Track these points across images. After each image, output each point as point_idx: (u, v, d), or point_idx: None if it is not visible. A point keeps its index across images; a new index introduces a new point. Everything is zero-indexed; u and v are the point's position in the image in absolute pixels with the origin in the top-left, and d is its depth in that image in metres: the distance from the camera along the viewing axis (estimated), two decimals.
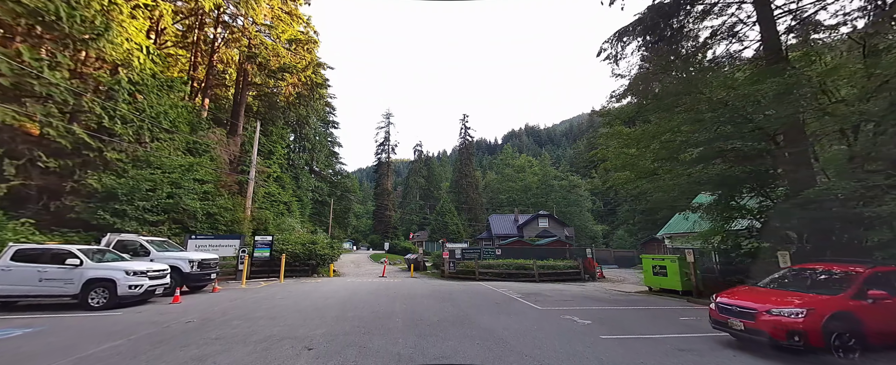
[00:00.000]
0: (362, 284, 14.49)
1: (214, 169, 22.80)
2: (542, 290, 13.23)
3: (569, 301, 10.48)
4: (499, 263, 17.75)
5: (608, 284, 16.44)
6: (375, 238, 67.24)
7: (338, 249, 20.39)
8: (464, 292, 12.03)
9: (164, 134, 18.61)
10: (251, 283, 15.08)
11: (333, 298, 10.41)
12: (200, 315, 7.72)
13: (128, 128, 16.40)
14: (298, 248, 18.40)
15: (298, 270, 18.17)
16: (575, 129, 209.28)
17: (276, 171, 34.13)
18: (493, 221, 43.83)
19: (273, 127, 36.39)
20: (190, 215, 19.16)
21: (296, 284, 14.70)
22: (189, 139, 21.15)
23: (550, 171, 63.15)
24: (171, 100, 19.61)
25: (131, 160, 16.53)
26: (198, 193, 18.99)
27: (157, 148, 18.02)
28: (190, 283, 11.61)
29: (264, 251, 16.74)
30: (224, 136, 26.61)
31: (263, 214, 26.38)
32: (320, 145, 55.41)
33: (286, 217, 32.51)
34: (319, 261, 18.81)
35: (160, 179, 16.73)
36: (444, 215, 52.96)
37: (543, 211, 41.87)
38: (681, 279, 12.28)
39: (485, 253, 19.32)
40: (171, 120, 19.04)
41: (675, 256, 12.74)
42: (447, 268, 17.95)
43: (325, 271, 19.16)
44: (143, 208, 15.62)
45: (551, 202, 58.26)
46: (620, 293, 13.04)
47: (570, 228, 42.01)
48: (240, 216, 22.82)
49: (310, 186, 52.51)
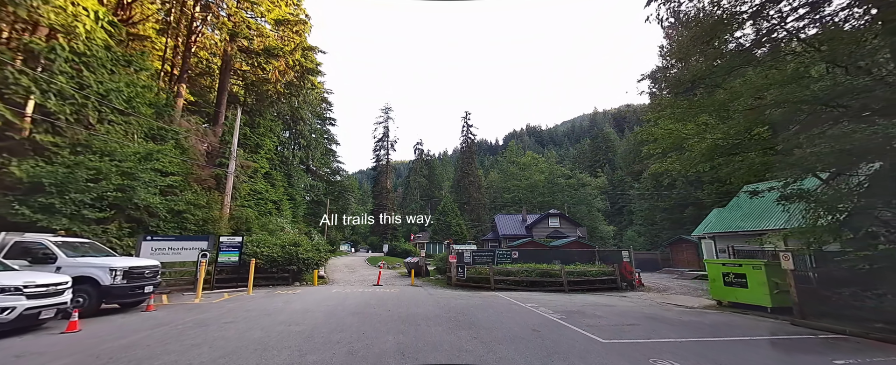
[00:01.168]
0: (349, 297, 11.45)
1: (185, 160, 19.81)
2: (583, 305, 10.19)
3: (635, 327, 7.43)
4: (518, 268, 14.70)
5: (654, 294, 13.38)
6: (375, 240, 64.14)
7: (325, 252, 17.36)
8: (483, 311, 9.00)
9: (116, 116, 15.62)
10: (211, 295, 12.05)
11: (302, 322, 7.38)
12: (73, 361, 4.74)
13: (65, 105, 13.40)
14: (276, 251, 15.37)
15: (276, 278, 15.14)
16: (577, 130, 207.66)
17: (264, 167, 31.11)
18: (499, 220, 40.78)
19: (261, 119, 33.42)
20: (151, 213, 16.20)
21: (267, 296, 11.67)
22: (153, 124, 18.16)
23: (557, 169, 60.13)
24: (128, 77, 16.63)
25: (71, 144, 13.53)
26: (158, 186, 15.99)
27: (106, 132, 15.02)
28: (113, 298, 8.58)
29: (232, 255, 13.71)
30: (199, 124, 23.63)
31: (245, 213, 23.40)
32: (316, 143, 52.50)
33: (275, 217, 29.54)
34: (303, 266, 15.80)
35: (107, 168, 13.73)
36: (447, 215, 49.92)
37: (554, 210, 38.83)
38: (769, 292, 9.23)
39: (499, 256, 16.29)
40: (127, 100, 16.05)
41: (761, 261, 9.68)
42: (455, 274, 14.89)
43: (309, 278, 16.13)
44: (80, 203, 12.61)
45: (558, 201, 55.22)
46: (686, 310, 9.98)
47: (583, 228, 38.96)
48: (215, 214, 19.84)
49: (304, 185, 49.54)
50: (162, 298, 11.37)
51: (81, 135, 13.79)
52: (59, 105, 13.13)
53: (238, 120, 22.67)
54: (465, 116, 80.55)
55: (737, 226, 17.03)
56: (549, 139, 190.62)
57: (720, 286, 10.46)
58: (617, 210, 66.86)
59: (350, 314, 8.27)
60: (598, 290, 13.80)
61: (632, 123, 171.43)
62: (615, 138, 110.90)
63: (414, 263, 20.02)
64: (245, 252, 14.71)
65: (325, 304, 9.88)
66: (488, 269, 14.43)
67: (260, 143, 31.84)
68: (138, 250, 13.47)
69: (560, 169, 60.57)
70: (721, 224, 18.46)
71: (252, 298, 11.43)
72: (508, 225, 39.82)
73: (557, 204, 53.97)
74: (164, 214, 16.67)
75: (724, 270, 10.36)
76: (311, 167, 51.82)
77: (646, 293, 13.53)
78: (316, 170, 52.82)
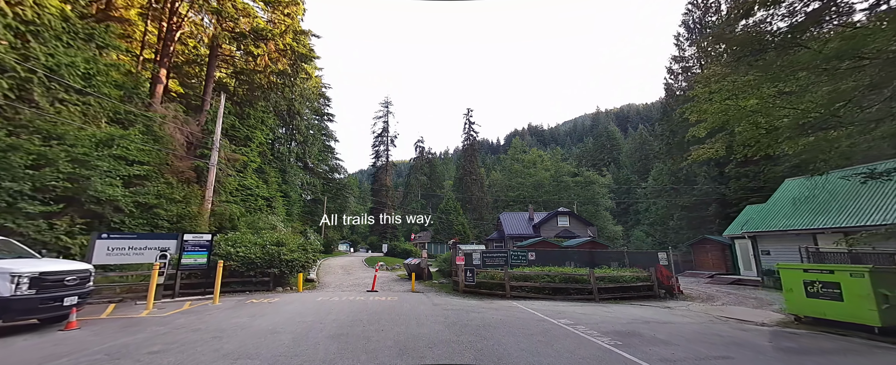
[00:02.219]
0: (335, 309, 9.31)
1: (159, 149, 17.71)
2: (631, 322, 8.03)
3: (729, 362, 5.27)
4: (537, 272, 12.53)
5: (702, 305, 11.20)
6: (374, 240, 61.98)
7: (313, 253, 15.22)
8: (507, 332, 6.86)
9: (71, 95, 13.50)
10: (168, 305, 9.92)
11: (257, 351, 5.26)
12: None
13: (2, 78, 11.29)
14: (255, 251, 13.23)
15: (254, 283, 13.00)
16: (579, 129, 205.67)
17: (254, 161, 29.02)
18: (504, 219, 38.62)
19: (252, 110, 31.34)
20: (116, 207, 14.13)
21: (234, 307, 9.54)
22: (119, 107, 16.05)
23: (563, 167, 57.96)
24: (87, 53, 14.51)
25: (8, 125, 11.41)
26: (120, 176, 13.88)
27: (57, 112, 12.91)
28: (13, 314, 6.47)
29: (199, 256, 11.57)
30: (180, 111, 21.52)
31: (228, 210, 21.32)
32: (313, 139, 50.46)
33: (266, 214, 27.45)
34: (286, 269, 13.67)
35: (54, 154, 11.62)
36: (449, 214, 47.79)
37: (563, 208, 36.66)
38: (876, 307, 7.08)
39: (514, 258, 14.15)
40: (85, 77, 13.93)
41: (865, 267, 7.51)
42: (463, 279, 12.72)
43: (294, 282, 13.99)
44: (16, 193, 10.52)
45: (564, 200, 53.09)
46: (763, 329, 7.82)
47: (594, 228, 36.78)
48: (193, 210, 17.77)
49: (301, 182, 47.47)
50: (108, 308, 9.27)
51: (24, 114, 11.67)
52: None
53: (221, 106, 20.57)
54: (467, 113, 78.55)
55: (784, 224, 14.85)
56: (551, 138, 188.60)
57: (800, 298, 8.30)
58: (622, 210, 64.64)
59: (329, 337, 6.14)
60: (632, 298, 11.65)
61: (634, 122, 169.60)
62: (620, 136, 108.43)
63: (415, 265, 17.88)
64: (217, 252, 12.59)
65: (302, 319, 7.75)
66: (502, 272, 12.28)
67: (250, 136, 29.75)
68: (90, 251, 11.35)
69: (566, 166, 58.41)
70: (762, 222, 16.26)
71: (216, 309, 9.30)
72: (515, 224, 37.67)
73: (563, 203, 51.83)
74: (130, 209, 14.62)
75: (807, 278, 8.20)
76: (309, 164, 49.81)
77: (690, 303, 11.37)
78: (313, 167, 50.82)
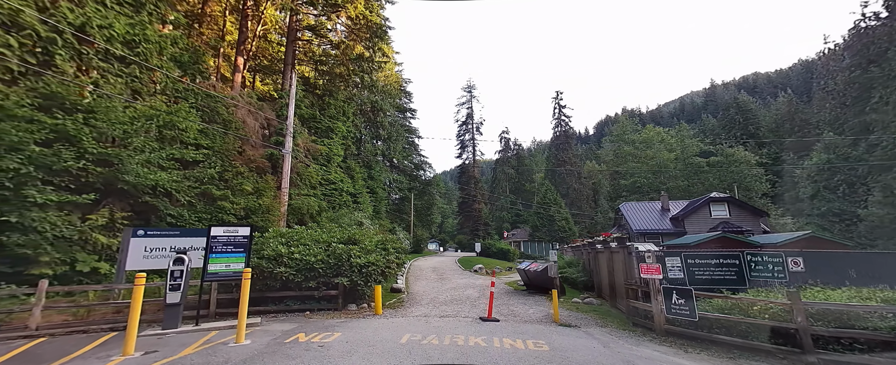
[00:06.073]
0: None
1: (224, 132, 15.29)
2: None
3: None
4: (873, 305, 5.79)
5: None
6: (462, 238, 57.87)
7: (395, 253, 10.60)
8: None
9: (111, 64, 11.17)
10: (177, 337, 6.08)
11: None
12: None
13: (15, 35, 8.98)
14: (316, 252, 9.13)
15: (316, 298, 8.91)
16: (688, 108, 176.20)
17: (338, 154, 26.61)
18: (627, 210, 30.51)
19: (332, 100, 29.18)
20: (170, 198, 11.61)
21: (266, 351, 5.26)
22: (175, 82, 13.80)
23: (693, 145, 46.13)
24: (138, 21, 12.22)
25: (32, 94, 9.08)
26: (162, 158, 11.15)
27: (95, 81, 10.58)
28: None
29: (232, 260, 7.73)
30: (253, 98, 19.46)
31: (306, 203, 18.46)
32: (397, 135, 48.36)
33: (351, 210, 24.74)
34: (359, 277, 9.30)
35: (75, 128, 9.02)
36: (549, 207, 40.82)
37: (716, 193, 27.12)
38: None
39: (762, 269, 7.54)
40: (128, 42, 11.54)
41: None
42: (661, 309, 6.71)
43: (371, 295, 9.58)
44: (25, 176, 7.92)
45: (698, 186, 41.74)
46: None
47: (765, 218, 26.53)
48: (265, 203, 14.95)
49: (387, 180, 45.58)
50: (86, 344, 5.73)
51: (48, 82, 9.29)
52: None
53: (293, 84, 17.82)
54: (556, 97, 70.19)
55: None
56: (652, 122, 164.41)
57: None
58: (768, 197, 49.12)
59: None
60: None
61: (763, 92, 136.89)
62: (756, 107, 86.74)
63: (536, 273, 12.23)
64: (264, 255, 8.75)
65: None
66: (762, 300, 5.91)
67: (332, 127, 27.39)
68: (123, 253, 8.43)
69: (696, 144, 46.39)
70: None
71: (231, 351, 5.10)
72: (642, 216, 29.38)
73: (697, 190, 40.74)
74: (187, 199, 11.97)
75: None
76: (394, 162, 48.02)
77: None
78: (398, 164, 48.92)
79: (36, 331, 6.60)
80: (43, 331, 6.65)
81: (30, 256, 8.05)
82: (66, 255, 8.74)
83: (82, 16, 10.22)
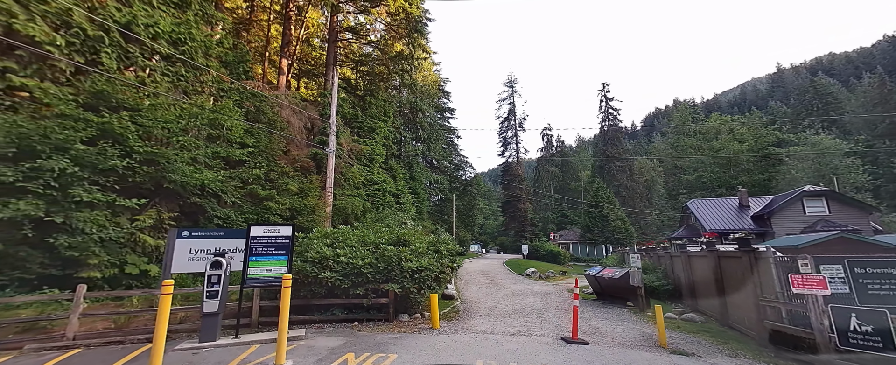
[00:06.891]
0: None
1: (270, 131, 14.97)
2: None
3: None
4: None
5: None
6: (505, 240, 55.77)
7: (449, 257, 9.31)
8: None
9: (157, 62, 10.99)
10: (213, 352, 5.22)
11: None
12: None
13: (60, 36, 8.84)
14: (363, 256, 8.09)
15: (364, 308, 7.86)
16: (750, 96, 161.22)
17: (380, 153, 26.09)
18: (696, 208, 27.18)
19: (372, 99, 28.76)
20: (220, 200, 11.28)
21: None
22: (224, 83, 13.60)
23: (767, 134, 40.87)
24: (184, 20, 12.06)
25: (76, 93, 8.91)
26: (208, 156, 10.76)
27: (141, 81, 10.39)
28: None
29: (274, 263, 6.87)
30: (298, 98, 19.25)
31: (350, 203, 17.83)
32: (436, 135, 47.55)
33: (395, 211, 24.03)
34: (411, 283, 8.13)
35: (121, 126, 8.70)
36: (602, 207, 37.84)
37: (810, 187, 23.18)
38: None
39: None
40: (174, 42, 11.34)
41: None
42: (825, 338, 4.88)
43: (425, 304, 8.41)
44: (72, 176, 7.60)
45: (776, 182, 36.72)
46: None
47: (875, 215, 22.28)
48: (310, 203, 14.41)
49: (428, 181, 44.91)
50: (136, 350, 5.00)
51: (95, 80, 9.11)
52: (47, 34, 8.54)
53: (335, 82, 17.30)
54: (603, 89, 65.93)
55: None
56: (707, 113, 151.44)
57: None
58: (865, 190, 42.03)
59: None
60: None
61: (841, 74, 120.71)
62: (838, 90, 76.26)
63: (613, 279, 10.42)
64: (308, 257, 7.85)
65: None
66: None
67: (373, 127, 26.90)
68: (168, 255, 7.87)
69: (772, 133, 41.07)
70: None
71: None
72: (715, 214, 26.00)
73: (775, 185, 35.89)
74: (234, 200, 11.58)
75: None
76: (434, 162, 47.31)
77: None
78: (438, 164, 48.13)
79: (72, 340, 6.07)
80: (79, 341, 6.11)
81: (79, 259, 7.72)
82: (115, 257, 8.37)
83: (129, 14, 10.04)
